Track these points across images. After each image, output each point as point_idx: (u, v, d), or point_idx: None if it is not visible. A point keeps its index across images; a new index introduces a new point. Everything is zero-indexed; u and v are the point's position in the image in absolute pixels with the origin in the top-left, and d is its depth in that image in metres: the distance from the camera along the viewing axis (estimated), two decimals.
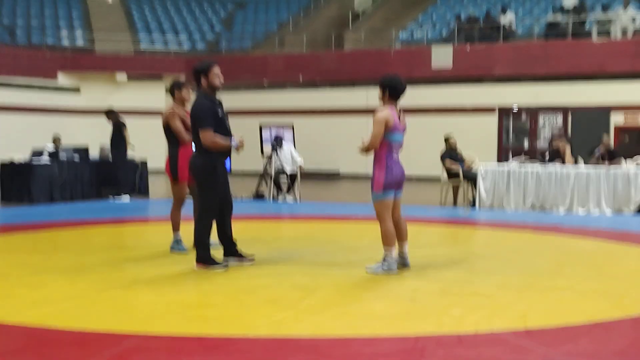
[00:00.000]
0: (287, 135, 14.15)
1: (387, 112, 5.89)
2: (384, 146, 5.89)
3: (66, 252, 7.02)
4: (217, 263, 6.08)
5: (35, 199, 12.05)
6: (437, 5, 23.12)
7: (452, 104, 19.35)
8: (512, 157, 17.67)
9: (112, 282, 5.53)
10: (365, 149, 5.93)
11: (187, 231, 6.69)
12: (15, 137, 19.16)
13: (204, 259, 6.07)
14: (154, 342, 3.89)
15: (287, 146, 13.28)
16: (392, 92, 5.95)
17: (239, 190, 13.70)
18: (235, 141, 6.15)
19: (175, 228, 7.09)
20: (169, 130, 7.01)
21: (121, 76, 22.20)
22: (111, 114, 13.03)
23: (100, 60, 22.14)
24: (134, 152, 13.22)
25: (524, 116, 18.98)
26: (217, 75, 6.10)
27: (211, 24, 25.26)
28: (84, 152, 13.41)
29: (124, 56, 22.45)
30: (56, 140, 14.52)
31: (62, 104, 21.50)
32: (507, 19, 20.06)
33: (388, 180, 5.88)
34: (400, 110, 6.03)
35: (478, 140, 18.25)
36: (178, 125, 6.93)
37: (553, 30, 19.23)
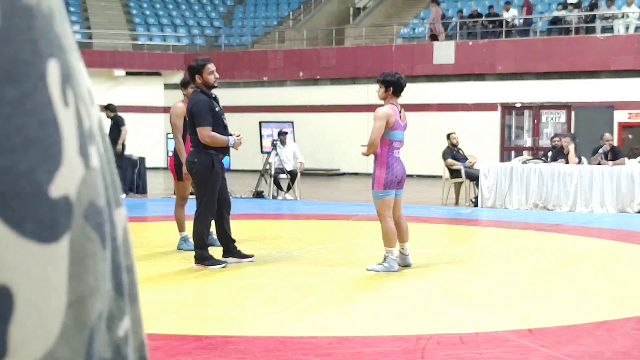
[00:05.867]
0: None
1: (388, 109, 5.84)
2: (384, 144, 5.84)
3: None
4: (216, 262, 6.03)
5: None
6: (439, 0, 23.06)
7: (454, 100, 19.30)
8: (515, 155, 17.66)
9: None
10: (369, 147, 5.87)
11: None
12: None
13: (203, 257, 6.02)
14: (152, 341, 3.83)
15: (291, 144, 13.20)
16: (396, 88, 5.91)
17: (239, 189, 13.65)
18: (233, 139, 6.10)
19: (181, 228, 7.01)
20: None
21: (119, 72, 22.14)
22: (110, 109, 12.95)
23: (98, 56, 22.07)
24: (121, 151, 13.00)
25: (526, 113, 18.93)
26: (211, 72, 6.05)
27: (210, 20, 25.21)
28: None
29: (122, 52, 22.40)
30: None
31: None
32: (510, 14, 20.01)
33: (389, 178, 5.83)
34: (401, 108, 5.99)
35: (480, 138, 18.20)
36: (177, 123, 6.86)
37: (556, 27, 19.19)
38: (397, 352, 3.71)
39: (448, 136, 12.68)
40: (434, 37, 20.25)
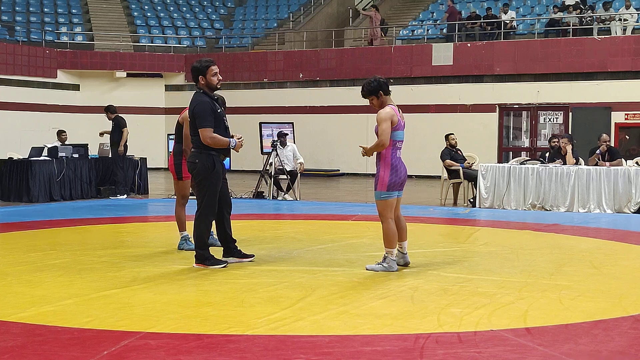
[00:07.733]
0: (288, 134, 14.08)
1: (390, 110, 5.88)
2: (389, 145, 5.87)
3: (65, 251, 7.00)
4: (216, 262, 6.07)
5: (34, 197, 12.02)
6: (438, 2, 23.10)
7: (453, 101, 19.33)
8: (513, 156, 17.68)
9: (111, 280, 5.51)
10: (376, 148, 5.86)
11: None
12: (14, 134, 19.14)
13: (203, 257, 6.06)
14: (153, 341, 3.88)
15: (290, 145, 13.23)
16: (385, 89, 5.93)
17: (239, 189, 13.68)
18: (234, 141, 6.14)
19: (182, 228, 7.04)
20: (180, 127, 6.94)
21: (120, 73, 22.17)
22: (110, 111, 12.96)
23: (99, 57, 22.11)
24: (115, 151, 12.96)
25: (524, 114, 18.96)
26: (215, 74, 6.08)
27: (211, 21, 25.23)
28: (83, 149, 13.37)
29: (123, 53, 22.42)
30: (61, 134, 14.10)
31: (61, 101, 21.48)
32: (508, 16, 20.05)
33: (393, 179, 5.86)
34: (398, 108, 6.04)
35: (478, 138, 18.23)
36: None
37: (554, 28, 19.22)
38: (396, 351, 3.74)
39: (446, 137, 12.72)
40: (371, 41, 20.71)
